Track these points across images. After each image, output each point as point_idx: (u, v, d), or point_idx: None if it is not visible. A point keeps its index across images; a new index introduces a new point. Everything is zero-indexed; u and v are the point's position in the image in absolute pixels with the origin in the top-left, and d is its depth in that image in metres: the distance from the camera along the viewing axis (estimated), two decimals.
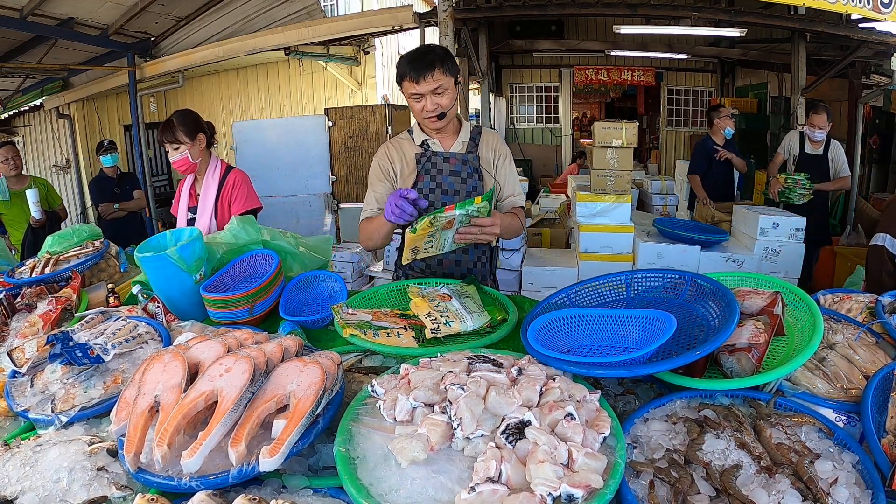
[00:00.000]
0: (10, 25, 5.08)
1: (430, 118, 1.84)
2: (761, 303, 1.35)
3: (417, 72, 1.77)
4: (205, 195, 2.40)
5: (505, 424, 0.94)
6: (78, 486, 0.98)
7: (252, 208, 2.45)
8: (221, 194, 2.41)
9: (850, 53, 5.71)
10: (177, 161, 2.36)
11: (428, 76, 1.76)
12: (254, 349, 1.14)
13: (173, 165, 2.39)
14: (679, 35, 7.76)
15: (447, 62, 1.80)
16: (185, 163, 2.37)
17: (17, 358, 1.38)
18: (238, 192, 2.44)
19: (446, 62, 1.80)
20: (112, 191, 4.71)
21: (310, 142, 6.44)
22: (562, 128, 10.10)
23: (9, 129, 9.52)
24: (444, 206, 1.61)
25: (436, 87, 1.78)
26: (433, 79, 1.77)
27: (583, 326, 1.33)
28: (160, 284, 1.77)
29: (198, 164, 2.40)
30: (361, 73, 8.21)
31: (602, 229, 4.00)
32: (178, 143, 2.34)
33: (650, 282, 1.51)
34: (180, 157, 2.34)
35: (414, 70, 1.77)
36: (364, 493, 0.88)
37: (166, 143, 2.35)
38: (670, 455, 1.02)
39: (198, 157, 2.39)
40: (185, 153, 2.35)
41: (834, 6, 4.06)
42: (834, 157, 4.28)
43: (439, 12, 4.89)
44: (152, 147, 8.65)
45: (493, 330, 1.48)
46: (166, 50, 6.79)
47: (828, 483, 0.95)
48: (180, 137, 2.34)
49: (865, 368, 1.24)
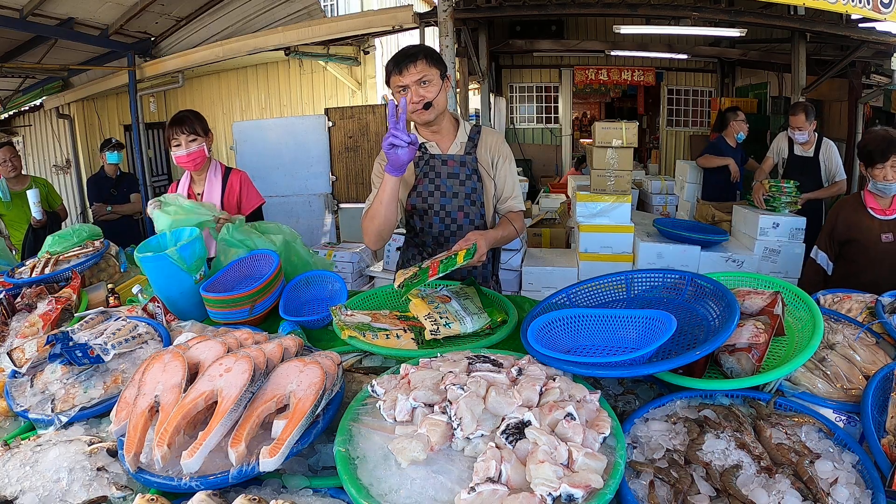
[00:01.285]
0: (10, 25, 5.07)
1: (417, 110, 1.83)
2: (761, 303, 1.35)
3: (401, 64, 1.79)
4: (209, 195, 2.40)
5: (505, 424, 0.94)
6: (78, 486, 0.98)
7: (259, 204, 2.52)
8: (226, 193, 2.41)
9: (850, 53, 5.70)
10: (193, 153, 2.32)
11: (411, 66, 1.78)
12: (254, 349, 1.14)
13: (186, 158, 2.33)
14: (679, 35, 7.76)
15: (431, 56, 1.83)
16: (201, 155, 2.36)
17: (17, 358, 1.38)
18: (247, 191, 2.48)
19: (430, 56, 1.82)
20: (109, 191, 4.69)
21: (310, 142, 6.43)
22: (562, 128, 10.09)
23: (9, 129, 9.52)
24: (428, 266, 1.57)
25: (420, 77, 1.79)
26: (416, 69, 1.78)
27: (583, 326, 1.33)
28: (160, 284, 1.77)
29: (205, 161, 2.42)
30: (361, 73, 8.20)
31: (602, 229, 4.00)
32: (195, 134, 2.34)
33: (650, 282, 1.51)
34: (197, 148, 2.33)
35: (398, 63, 1.80)
36: (364, 493, 0.88)
37: (183, 134, 2.31)
38: (670, 455, 1.02)
39: (208, 152, 2.42)
40: (203, 145, 2.37)
41: (834, 6, 4.05)
42: (826, 159, 4.07)
43: (439, 12, 4.88)
44: (152, 147, 8.65)
45: (492, 331, 1.48)
46: (166, 50, 6.79)
47: (828, 483, 0.95)
48: (197, 129, 2.35)
49: (865, 368, 1.24)
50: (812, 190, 3.98)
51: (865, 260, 2.39)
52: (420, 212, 1.99)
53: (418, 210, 1.98)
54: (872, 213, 2.39)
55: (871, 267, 2.35)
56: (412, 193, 1.97)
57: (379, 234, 1.87)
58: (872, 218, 2.39)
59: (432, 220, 1.98)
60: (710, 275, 1.47)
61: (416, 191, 1.96)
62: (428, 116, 1.86)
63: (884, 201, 2.38)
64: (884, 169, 2.29)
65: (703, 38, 7.89)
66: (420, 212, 1.99)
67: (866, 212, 2.40)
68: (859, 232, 2.41)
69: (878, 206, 2.39)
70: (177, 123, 2.33)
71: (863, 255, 2.40)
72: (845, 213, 2.48)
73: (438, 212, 1.97)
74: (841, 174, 4.08)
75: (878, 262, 2.35)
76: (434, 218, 1.97)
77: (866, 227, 2.39)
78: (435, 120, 1.89)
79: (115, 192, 4.71)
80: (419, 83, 1.80)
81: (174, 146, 2.34)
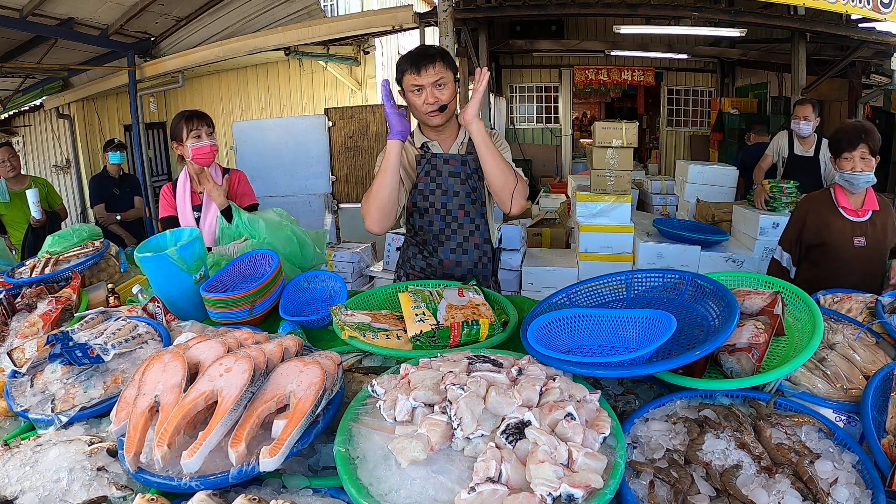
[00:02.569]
0: (10, 25, 5.07)
1: (432, 111, 1.85)
2: (761, 303, 1.35)
3: (419, 64, 1.80)
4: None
5: (505, 424, 0.94)
6: (78, 486, 0.98)
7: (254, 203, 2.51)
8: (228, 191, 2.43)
9: (850, 53, 5.71)
10: (212, 146, 2.33)
11: (430, 68, 1.80)
12: (254, 349, 1.14)
13: (208, 150, 2.31)
14: (679, 35, 7.76)
15: (447, 58, 1.85)
16: (216, 149, 2.37)
17: (17, 358, 1.38)
18: (245, 189, 2.49)
19: (446, 58, 1.85)
20: (111, 191, 4.70)
21: (310, 142, 6.44)
22: (562, 128, 10.09)
23: (9, 129, 9.53)
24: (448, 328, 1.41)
25: (437, 79, 1.81)
26: (434, 71, 1.80)
27: (583, 327, 1.33)
28: (160, 284, 1.77)
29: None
30: (361, 73, 8.20)
31: (602, 229, 4.00)
32: (212, 128, 2.35)
33: (650, 282, 1.51)
34: (212, 142, 2.33)
35: (415, 63, 1.81)
36: (364, 493, 0.88)
37: (205, 126, 2.32)
38: (670, 455, 1.02)
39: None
40: (216, 140, 2.38)
41: (834, 6, 4.05)
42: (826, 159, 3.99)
43: (439, 12, 4.89)
44: (152, 147, 8.65)
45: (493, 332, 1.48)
46: (166, 50, 6.79)
47: (828, 483, 0.95)
48: (211, 124, 2.37)
49: (865, 368, 1.24)
50: (812, 190, 3.97)
51: (834, 265, 2.20)
52: (421, 210, 2.00)
53: (419, 208, 2.00)
54: (844, 214, 2.21)
55: (838, 273, 2.15)
56: (413, 191, 1.99)
57: (381, 208, 1.80)
58: (844, 219, 2.21)
59: (433, 217, 1.99)
60: (710, 275, 1.47)
61: (418, 189, 1.98)
62: (442, 119, 1.89)
63: (855, 199, 2.21)
64: (852, 159, 2.14)
65: (703, 38, 7.89)
66: (421, 210, 2.00)
67: (838, 212, 2.22)
68: (829, 234, 2.21)
69: (849, 205, 2.21)
70: (197, 116, 2.33)
71: (832, 260, 2.21)
72: (815, 213, 2.27)
73: (439, 210, 1.98)
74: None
75: (848, 267, 2.17)
76: (435, 216, 1.99)
77: (837, 229, 2.20)
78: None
79: (117, 192, 4.71)
80: (435, 85, 1.82)
81: (193, 137, 2.29)
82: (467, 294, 1.62)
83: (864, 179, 2.15)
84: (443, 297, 1.60)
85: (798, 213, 2.36)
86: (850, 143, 2.15)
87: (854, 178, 2.15)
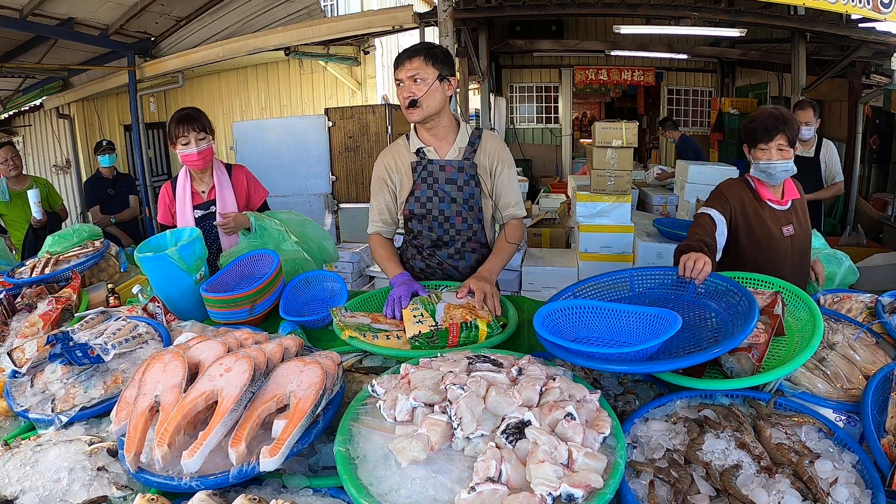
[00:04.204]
0: (10, 25, 5.07)
1: (404, 106, 1.84)
2: (761, 303, 1.35)
3: (400, 58, 1.82)
4: (221, 193, 2.37)
5: (505, 424, 0.94)
6: (78, 486, 0.98)
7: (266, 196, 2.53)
8: (235, 190, 2.41)
9: (850, 53, 5.70)
10: (204, 151, 2.26)
11: (406, 62, 1.79)
12: (254, 349, 1.14)
13: (196, 157, 2.25)
14: (679, 35, 7.76)
15: (434, 56, 1.81)
16: (210, 153, 2.31)
17: (17, 358, 1.38)
18: (254, 185, 2.48)
19: (433, 55, 1.81)
20: (106, 191, 4.68)
21: (310, 142, 6.44)
22: (562, 128, 10.09)
23: (9, 129, 9.52)
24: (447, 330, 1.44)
25: (412, 74, 1.79)
26: (412, 66, 1.79)
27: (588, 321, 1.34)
28: (160, 284, 1.77)
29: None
30: (361, 73, 8.20)
31: (602, 229, 4.00)
32: (204, 132, 2.28)
33: (655, 279, 1.52)
34: (207, 146, 2.28)
35: (399, 58, 1.83)
36: (364, 492, 0.88)
37: (193, 132, 2.24)
38: (670, 455, 1.02)
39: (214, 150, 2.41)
40: (211, 143, 2.32)
41: (834, 6, 4.05)
42: (827, 159, 4.03)
43: (439, 12, 4.88)
44: (152, 147, 8.64)
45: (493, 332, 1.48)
46: (166, 50, 6.79)
47: (828, 483, 0.95)
48: (206, 126, 2.30)
49: (865, 368, 1.24)
50: (812, 190, 3.96)
51: (762, 257, 2.01)
52: (418, 217, 1.98)
53: (416, 215, 1.98)
54: (771, 204, 2.02)
55: (768, 264, 1.95)
56: (410, 199, 1.96)
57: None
58: (772, 210, 2.02)
59: (430, 224, 1.97)
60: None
61: (414, 196, 1.95)
62: (413, 116, 1.85)
63: (776, 190, 2.03)
64: (768, 150, 1.94)
65: (703, 38, 7.89)
66: (418, 217, 1.98)
67: (764, 203, 2.02)
68: (759, 225, 2.02)
69: (773, 196, 2.02)
70: (185, 121, 2.25)
71: (759, 252, 2.02)
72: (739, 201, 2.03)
73: (437, 217, 1.96)
74: (840, 175, 4.05)
75: (780, 258, 2.01)
76: (433, 223, 1.97)
77: (764, 219, 2.02)
78: (428, 121, 1.87)
79: (112, 192, 4.70)
80: (412, 80, 1.80)
81: (182, 144, 2.24)
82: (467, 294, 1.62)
83: (781, 169, 1.96)
84: (441, 298, 1.60)
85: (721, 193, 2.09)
86: (767, 133, 1.95)
87: (770, 168, 1.95)
